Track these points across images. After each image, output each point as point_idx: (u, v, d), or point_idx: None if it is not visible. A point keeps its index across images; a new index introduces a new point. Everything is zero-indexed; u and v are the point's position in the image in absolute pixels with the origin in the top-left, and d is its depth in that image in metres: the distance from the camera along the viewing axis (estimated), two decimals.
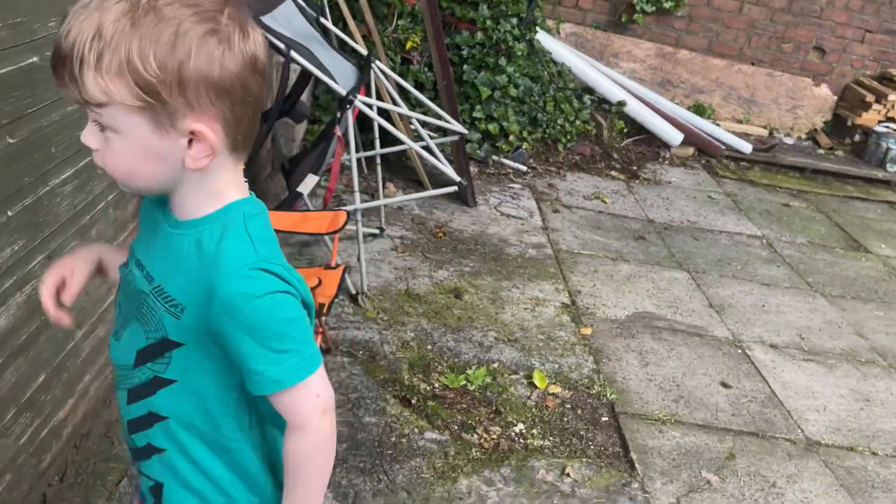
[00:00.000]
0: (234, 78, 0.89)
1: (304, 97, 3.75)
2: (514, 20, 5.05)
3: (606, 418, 2.75)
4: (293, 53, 2.83)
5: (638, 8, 6.33)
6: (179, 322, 0.95)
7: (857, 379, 3.33)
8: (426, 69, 4.74)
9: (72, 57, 0.85)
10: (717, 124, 6.45)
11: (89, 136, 0.93)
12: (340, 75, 3.12)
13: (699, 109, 6.57)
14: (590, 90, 5.85)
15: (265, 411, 1.04)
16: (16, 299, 1.66)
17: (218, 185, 0.97)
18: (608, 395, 2.86)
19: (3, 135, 1.55)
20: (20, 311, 1.68)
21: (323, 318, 2.49)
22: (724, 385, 3.08)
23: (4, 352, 1.64)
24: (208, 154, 0.92)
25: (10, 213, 1.60)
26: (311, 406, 0.98)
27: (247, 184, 1.03)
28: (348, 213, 2.77)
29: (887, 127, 6.38)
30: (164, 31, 0.85)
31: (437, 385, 2.75)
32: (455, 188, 3.66)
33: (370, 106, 3.23)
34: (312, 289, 2.26)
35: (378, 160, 3.75)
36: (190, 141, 0.91)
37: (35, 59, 1.64)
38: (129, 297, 1.02)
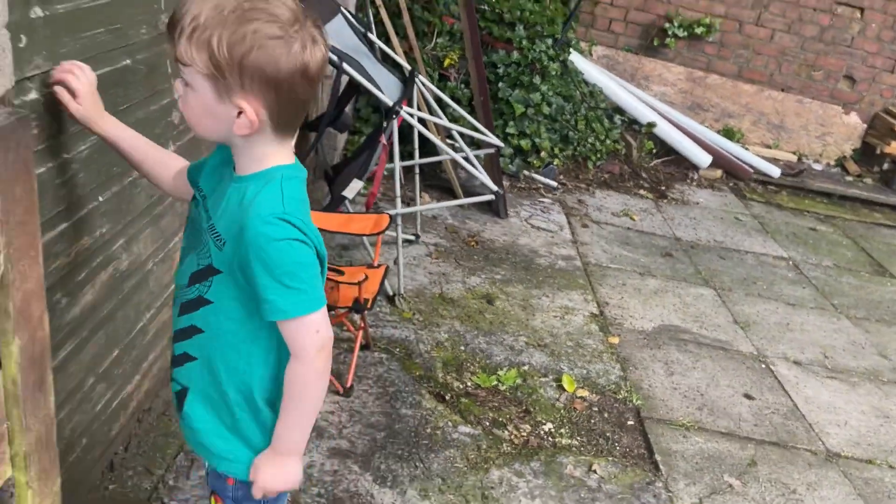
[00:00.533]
0: (284, 78, 1.13)
1: (347, 109, 3.93)
2: (549, 41, 5.22)
3: (632, 422, 2.86)
4: (345, 65, 3.01)
5: (670, 32, 6.47)
6: (221, 253, 1.20)
7: (879, 397, 3.41)
8: (462, 85, 4.91)
9: (179, 24, 1.12)
10: (746, 148, 6.55)
11: (178, 85, 1.19)
12: (386, 87, 3.29)
13: (728, 133, 6.68)
14: (620, 111, 5.99)
15: (285, 354, 1.23)
16: (100, 277, 1.83)
17: (260, 153, 1.21)
18: (634, 401, 2.97)
19: None
20: (103, 288, 1.85)
21: (365, 312, 2.63)
22: (748, 396, 3.18)
23: (88, 325, 1.81)
24: (249, 127, 1.16)
25: (100, 199, 1.77)
26: (310, 339, 1.19)
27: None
28: (391, 216, 2.93)
29: None
30: (242, 27, 1.10)
31: (469, 384, 2.88)
32: (492, 196, 3.81)
33: (413, 116, 3.39)
34: (358, 283, 2.42)
35: (417, 170, 3.91)
36: (239, 113, 1.15)
37: (128, 61, 1.82)
38: (194, 231, 1.30)
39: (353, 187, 3.14)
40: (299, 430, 1.26)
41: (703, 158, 5.99)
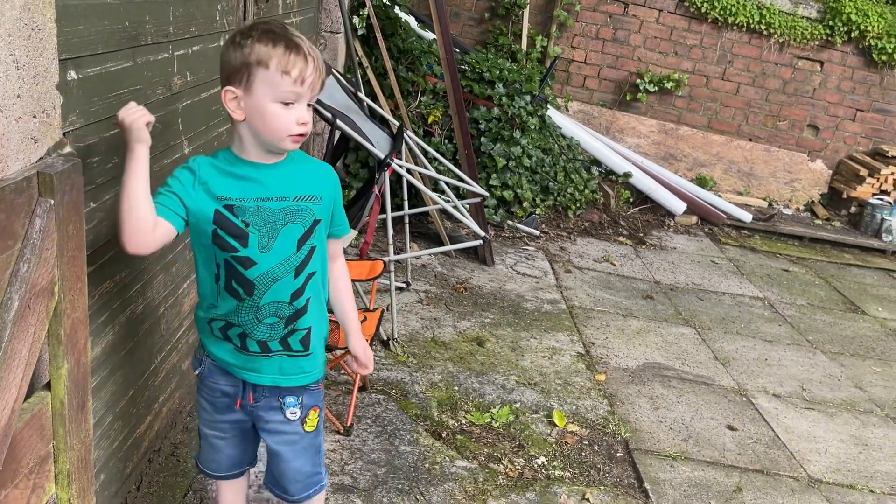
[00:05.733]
0: None
1: (339, 164, 4.12)
2: (527, 97, 5.48)
3: (621, 454, 2.97)
4: (339, 122, 3.20)
5: (641, 88, 6.80)
6: (320, 206, 1.65)
7: (857, 426, 3.54)
8: (446, 141, 5.13)
9: (321, 77, 1.56)
10: (719, 195, 6.83)
11: (308, 116, 1.56)
12: (377, 142, 3.48)
13: (701, 181, 6.96)
14: (597, 162, 6.25)
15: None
16: (119, 320, 1.95)
17: None
18: (622, 434, 3.08)
19: (121, 180, 1.87)
20: (122, 330, 1.97)
21: None
22: (731, 428, 3.30)
23: (108, 364, 1.91)
24: None
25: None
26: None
27: None
28: (385, 262, 3.07)
29: (881, 199, 6.74)
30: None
31: (464, 421, 2.98)
32: (479, 242, 3.97)
33: (402, 167, 3.57)
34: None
35: (406, 220, 4.08)
36: None
37: None
38: (270, 219, 1.59)
39: (348, 238, 3.28)
40: None
41: (678, 206, 6.24)
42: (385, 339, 3.44)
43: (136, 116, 1.54)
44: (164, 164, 2.15)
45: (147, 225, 1.51)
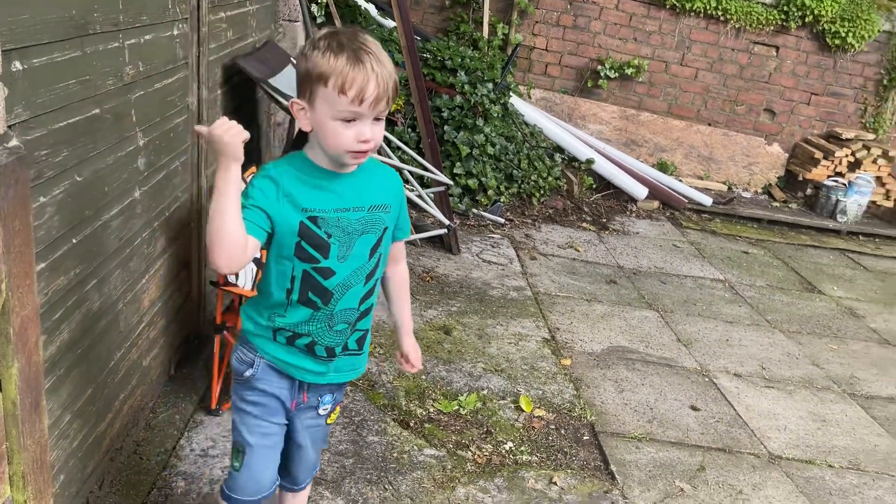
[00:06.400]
0: None
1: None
2: (490, 85, 5.48)
3: (587, 437, 3.00)
4: None
5: (602, 74, 6.84)
6: (389, 214, 1.63)
7: (815, 403, 3.63)
8: (409, 130, 5.11)
9: (386, 95, 1.47)
10: (680, 180, 6.92)
11: (371, 132, 1.49)
12: None
13: (662, 166, 7.04)
14: (560, 149, 6.28)
15: None
16: (75, 317, 1.90)
17: None
18: (588, 417, 3.12)
19: (72, 173, 1.82)
20: (78, 328, 1.92)
21: None
22: (693, 408, 3.36)
23: (64, 363, 1.87)
24: None
25: (74, 241, 1.86)
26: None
27: None
28: None
29: (836, 181, 6.89)
30: None
31: (432, 410, 2.99)
32: (444, 231, 3.97)
33: None
34: None
35: None
36: None
37: (97, 110, 1.93)
38: (349, 229, 1.56)
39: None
40: None
41: (640, 191, 6.31)
42: None
43: (234, 132, 1.42)
44: (119, 156, 2.10)
45: (241, 244, 1.44)
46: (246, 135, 1.44)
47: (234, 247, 1.42)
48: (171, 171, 2.54)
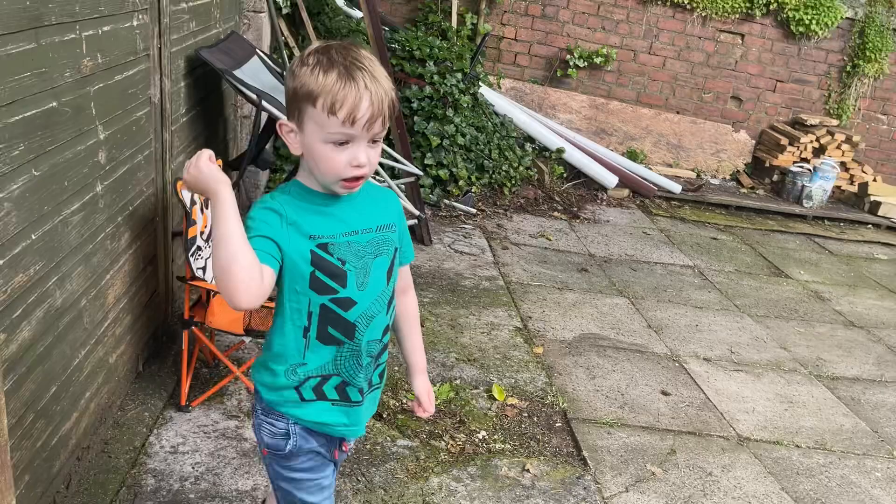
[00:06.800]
0: None
1: (268, 147, 4.03)
2: (459, 75, 5.47)
3: (560, 424, 3.02)
4: (264, 103, 3.12)
5: (571, 63, 6.86)
6: (395, 233, 1.53)
7: (782, 385, 3.70)
8: None
9: (381, 115, 1.34)
10: (649, 168, 6.97)
11: (366, 157, 1.37)
12: None
13: (632, 155, 7.09)
14: (531, 139, 6.30)
15: None
16: (36, 314, 1.87)
17: None
18: (561, 404, 3.14)
19: (29, 168, 1.78)
20: (39, 325, 1.88)
21: None
22: (664, 393, 3.40)
23: (26, 361, 1.84)
24: None
25: (33, 237, 1.82)
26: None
27: None
28: None
29: (801, 167, 7.00)
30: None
31: (405, 401, 2.99)
32: (415, 221, 3.95)
33: None
34: None
35: None
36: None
37: (54, 103, 1.89)
38: (361, 253, 1.45)
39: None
40: None
41: (611, 179, 6.35)
42: None
43: (196, 164, 1.30)
44: (78, 150, 2.06)
45: (255, 272, 1.25)
46: (208, 152, 1.33)
47: (248, 276, 1.23)
48: (134, 164, 2.50)
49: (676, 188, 6.64)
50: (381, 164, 4.07)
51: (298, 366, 1.47)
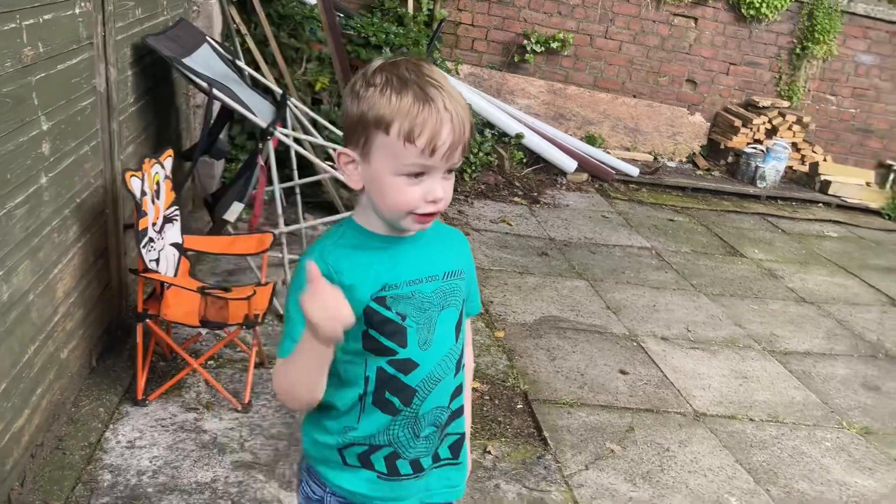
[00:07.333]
0: None
1: (222, 136, 3.97)
2: None
3: (521, 405, 3.06)
4: (215, 91, 3.08)
5: (528, 49, 6.88)
6: (464, 282, 1.32)
7: (737, 361, 3.79)
8: (336, 108, 5.04)
9: (461, 141, 1.16)
10: (608, 152, 7.04)
11: (443, 191, 1.18)
12: (259, 111, 3.38)
13: (590, 139, 7.15)
14: (490, 125, 6.31)
15: None
16: None
17: None
18: (521, 386, 3.17)
19: None
20: None
21: (257, 328, 2.69)
22: (622, 372, 3.46)
23: None
24: None
25: None
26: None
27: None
28: (274, 234, 3.01)
29: (755, 148, 7.13)
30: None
31: None
32: None
33: (288, 136, 3.49)
34: (247, 298, 2.49)
35: (297, 190, 4.00)
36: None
37: None
38: (425, 306, 1.25)
39: (234, 210, 3.19)
40: None
41: (570, 164, 6.40)
42: (282, 312, 3.38)
43: (328, 316, 1.08)
44: (21, 141, 2.01)
45: (320, 390, 1.20)
46: (346, 319, 1.09)
47: (312, 398, 1.20)
48: (80, 156, 2.44)
49: (634, 171, 6.73)
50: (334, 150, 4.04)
51: (350, 429, 1.27)
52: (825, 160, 7.41)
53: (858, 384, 3.74)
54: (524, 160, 6.38)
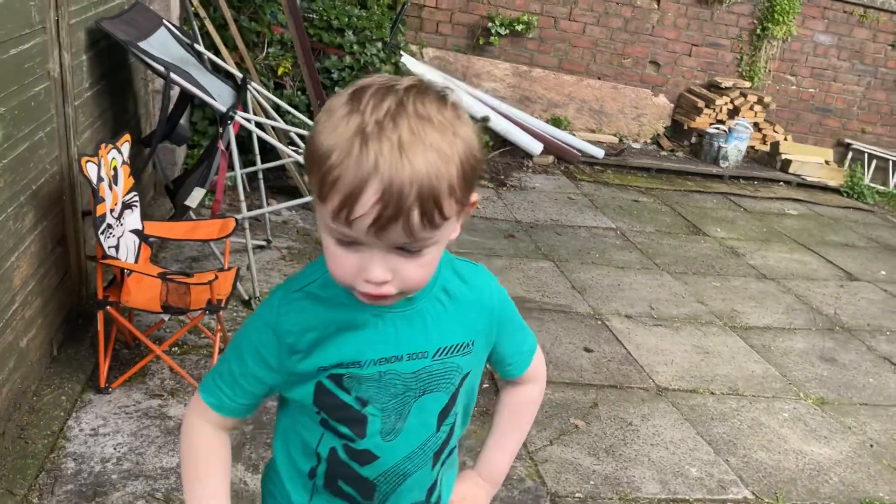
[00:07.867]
0: None
1: (183, 121, 3.92)
2: (379, 44, 5.41)
3: (486, 385, 3.09)
4: (173, 75, 3.04)
5: (493, 31, 6.88)
6: (471, 356, 1.04)
7: (699, 337, 3.87)
8: (299, 93, 5.00)
9: (436, 194, 0.82)
10: (573, 134, 7.09)
11: (384, 272, 0.85)
12: (219, 95, 3.34)
13: (556, 122, 7.19)
14: None
15: None
16: None
17: None
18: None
19: None
20: None
21: (221, 313, 2.68)
22: (587, 350, 3.52)
23: None
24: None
25: None
26: (543, 362, 1.22)
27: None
28: (237, 219, 2.99)
29: (717, 128, 7.23)
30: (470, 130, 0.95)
31: None
32: None
33: (249, 121, 3.46)
34: (209, 283, 2.48)
35: (260, 175, 3.97)
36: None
37: None
38: (398, 388, 0.99)
39: (196, 196, 3.16)
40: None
41: (536, 147, 6.43)
42: (246, 298, 3.37)
43: None
44: None
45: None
46: None
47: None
48: (34, 142, 2.40)
49: (599, 153, 6.78)
50: (301, 138, 4.02)
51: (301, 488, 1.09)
52: (786, 139, 7.55)
53: (816, 357, 3.85)
54: (490, 143, 6.40)
